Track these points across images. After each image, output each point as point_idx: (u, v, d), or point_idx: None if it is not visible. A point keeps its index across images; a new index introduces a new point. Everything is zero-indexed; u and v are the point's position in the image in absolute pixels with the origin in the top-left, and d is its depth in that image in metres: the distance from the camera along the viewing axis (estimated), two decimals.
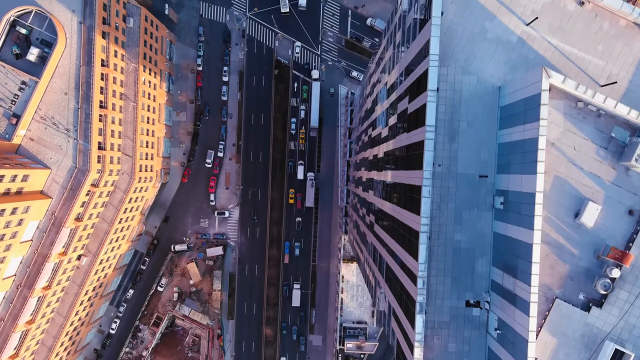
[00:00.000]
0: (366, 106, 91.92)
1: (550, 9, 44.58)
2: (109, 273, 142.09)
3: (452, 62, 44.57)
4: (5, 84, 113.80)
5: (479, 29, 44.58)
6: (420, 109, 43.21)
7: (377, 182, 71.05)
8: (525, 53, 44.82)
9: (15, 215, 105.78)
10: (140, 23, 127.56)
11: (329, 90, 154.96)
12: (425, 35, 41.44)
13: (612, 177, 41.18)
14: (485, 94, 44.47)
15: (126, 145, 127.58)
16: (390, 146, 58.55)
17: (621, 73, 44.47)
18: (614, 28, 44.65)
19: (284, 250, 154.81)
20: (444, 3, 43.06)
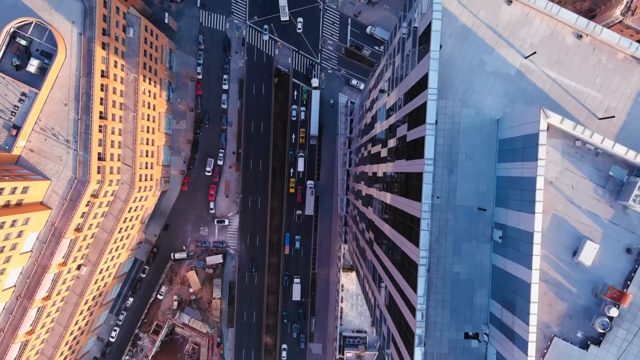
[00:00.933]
0: (366, 120, 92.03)
1: (549, 42, 44.72)
2: (109, 282, 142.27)
3: (450, 95, 44.73)
4: (5, 95, 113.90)
5: (477, 61, 44.73)
6: (419, 139, 43.36)
7: (376, 200, 71.18)
8: (523, 86, 44.98)
9: (15, 228, 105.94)
10: (140, 33, 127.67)
11: (329, 101, 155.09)
12: (424, 68, 41.57)
13: (610, 215, 41.34)
14: (483, 126, 44.63)
15: (126, 155, 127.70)
16: (390, 168, 58.69)
17: (619, 106, 44.62)
18: (612, 61, 44.80)
19: (285, 242, 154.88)
20: (442, 36, 43.20)
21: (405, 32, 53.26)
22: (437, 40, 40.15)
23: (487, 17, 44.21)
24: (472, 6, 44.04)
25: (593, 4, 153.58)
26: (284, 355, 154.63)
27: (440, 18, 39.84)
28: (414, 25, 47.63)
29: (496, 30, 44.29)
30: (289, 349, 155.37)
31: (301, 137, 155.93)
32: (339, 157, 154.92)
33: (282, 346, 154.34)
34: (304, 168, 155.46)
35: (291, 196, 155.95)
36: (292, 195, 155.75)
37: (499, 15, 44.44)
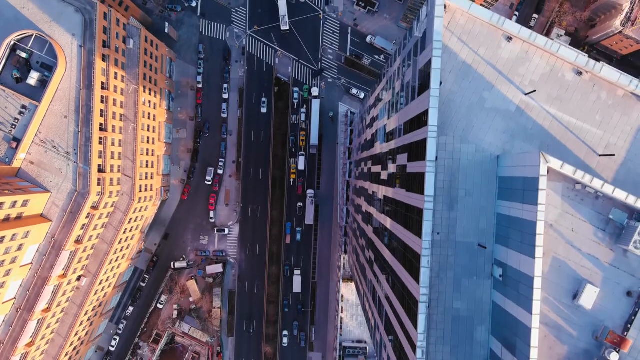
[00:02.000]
0: (366, 136, 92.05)
1: (549, 79, 44.79)
2: (109, 292, 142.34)
3: (450, 131, 44.80)
4: (6, 108, 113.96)
5: (477, 98, 44.79)
6: (419, 174, 43.42)
7: (376, 221, 71.22)
8: (523, 122, 45.04)
9: (15, 241, 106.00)
10: (140, 44, 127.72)
11: (329, 113, 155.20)
12: (424, 104, 41.64)
13: (610, 258, 41.44)
14: (483, 163, 44.71)
15: (126, 166, 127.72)
16: (390, 194, 58.74)
17: (619, 142, 44.70)
18: (612, 98, 44.88)
19: (285, 231, 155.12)
20: (442, 73, 43.26)
21: (405, 60, 53.30)
22: (437, 77, 40.20)
23: (487, 54, 44.27)
24: (472, 43, 44.09)
25: (593, 13, 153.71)
26: (285, 341, 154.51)
27: (440, 56, 39.90)
28: (413, 59, 47.73)
29: (496, 67, 44.35)
30: (290, 348, 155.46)
31: (301, 141, 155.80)
32: (339, 167, 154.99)
33: (283, 332, 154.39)
34: (304, 167, 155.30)
35: (292, 189, 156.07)
36: (293, 187, 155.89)
37: (499, 52, 44.50)
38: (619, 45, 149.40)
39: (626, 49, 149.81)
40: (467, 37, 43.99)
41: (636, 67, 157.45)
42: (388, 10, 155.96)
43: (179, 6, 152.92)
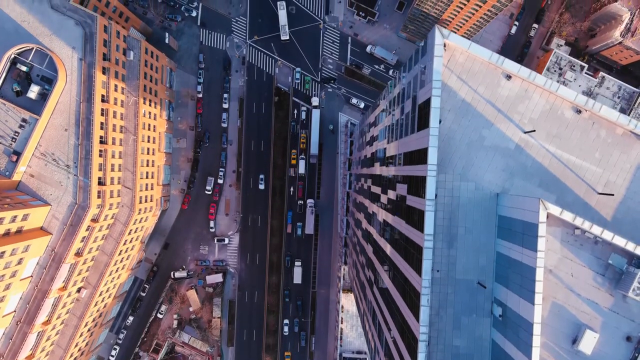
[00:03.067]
0: (365, 153, 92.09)
1: (548, 117, 44.83)
2: (109, 302, 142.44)
3: (450, 169, 44.87)
4: (6, 121, 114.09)
5: (477, 136, 44.85)
6: (418, 210, 43.52)
7: (376, 242, 71.29)
8: (523, 160, 45.10)
9: (15, 256, 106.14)
10: (140, 56, 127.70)
11: (329, 126, 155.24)
12: (424, 141, 41.71)
13: (609, 303, 41.49)
14: (483, 201, 44.76)
15: (126, 177, 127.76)
16: (389, 219, 58.81)
17: (618, 180, 44.77)
18: (611, 136, 44.94)
19: (287, 220, 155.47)
20: (441, 111, 43.32)
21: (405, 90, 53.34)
22: (437, 116, 40.28)
23: (486, 92, 44.33)
24: (472, 81, 44.15)
25: (593, 23, 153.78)
26: (286, 330, 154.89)
27: (440, 95, 39.97)
28: (413, 93, 47.79)
29: (495, 105, 44.41)
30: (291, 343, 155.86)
31: (302, 144, 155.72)
32: (339, 176, 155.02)
33: (284, 321, 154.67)
34: (305, 171, 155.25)
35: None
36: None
37: (498, 90, 44.56)
38: (618, 55, 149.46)
39: (626, 59, 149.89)
40: (466, 75, 44.05)
41: (636, 77, 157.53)
42: (388, 20, 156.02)
43: (179, 16, 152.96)
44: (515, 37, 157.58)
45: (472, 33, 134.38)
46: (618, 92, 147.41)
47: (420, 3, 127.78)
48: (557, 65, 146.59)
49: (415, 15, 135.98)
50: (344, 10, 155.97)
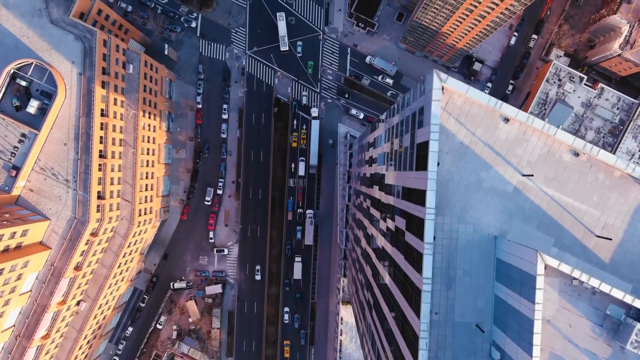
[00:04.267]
0: (365, 171, 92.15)
1: (546, 160, 44.91)
2: (108, 314, 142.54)
3: (448, 211, 44.96)
4: (5, 136, 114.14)
5: (475, 178, 44.94)
6: (417, 251, 43.62)
7: (374, 266, 71.37)
8: (521, 203, 45.19)
9: (14, 272, 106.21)
10: (140, 69, 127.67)
11: (328, 141, 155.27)
12: (422, 184, 41.80)
13: (607, 354, 41.54)
14: (481, 243, 44.87)
15: (125, 190, 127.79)
16: (388, 249, 58.91)
17: (616, 223, 44.86)
18: (609, 179, 45.03)
19: (287, 207, 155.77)
20: (440, 153, 43.42)
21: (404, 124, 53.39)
22: (435, 160, 40.37)
23: (484, 135, 44.41)
24: (470, 124, 44.23)
25: (592, 34, 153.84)
26: (286, 318, 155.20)
27: (438, 139, 40.06)
28: (411, 130, 47.85)
29: (493, 147, 44.49)
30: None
31: (302, 139, 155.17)
32: (338, 187, 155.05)
33: (285, 309, 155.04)
34: (304, 173, 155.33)
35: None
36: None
37: (496, 133, 44.64)
38: (618, 67, 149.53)
39: (625, 71, 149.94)
40: (464, 117, 44.14)
41: (635, 88, 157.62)
42: (387, 30, 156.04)
43: (178, 27, 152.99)
44: (514, 47, 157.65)
45: (471, 45, 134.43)
46: (617, 103, 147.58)
47: (419, 16, 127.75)
48: (556, 76, 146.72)
49: (415, 28, 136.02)
50: (343, 21, 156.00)
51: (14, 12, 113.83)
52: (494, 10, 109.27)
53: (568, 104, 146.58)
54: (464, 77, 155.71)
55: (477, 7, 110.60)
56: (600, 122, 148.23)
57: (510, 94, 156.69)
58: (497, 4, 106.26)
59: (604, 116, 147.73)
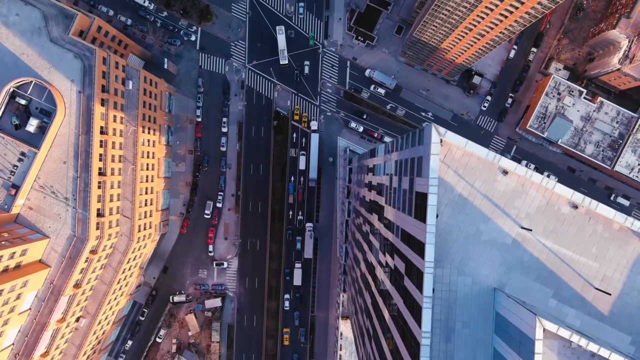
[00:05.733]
0: (364, 193, 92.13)
1: (545, 212, 44.98)
2: (108, 329, 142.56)
3: (447, 263, 45.03)
4: (5, 155, 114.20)
5: (473, 230, 44.99)
6: (415, 302, 43.65)
7: (374, 295, 71.33)
8: (520, 255, 45.25)
9: (13, 292, 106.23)
10: (139, 85, 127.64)
11: (328, 158, 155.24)
12: (421, 236, 41.83)
13: None
14: (480, 295, 44.93)
15: (125, 207, 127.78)
16: (387, 286, 58.90)
17: (615, 275, 44.94)
18: (608, 231, 45.10)
19: (288, 191, 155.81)
20: (438, 205, 43.46)
21: (403, 165, 53.38)
22: (434, 213, 40.39)
23: (483, 187, 44.47)
24: (468, 176, 44.28)
25: (591, 48, 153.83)
26: (287, 305, 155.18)
27: (437, 192, 40.09)
28: (410, 175, 47.86)
29: (492, 199, 44.55)
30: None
31: (303, 122, 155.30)
32: (338, 201, 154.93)
33: (285, 296, 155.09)
34: (305, 167, 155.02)
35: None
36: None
37: (494, 185, 44.69)
38: (617, 81, 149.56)
39: (624, 85, 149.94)
40: (463, 170, 44.19)
41: (635, 101, 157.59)
42: (387, 44, 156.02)
43: (178, 40, 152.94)
44: (514, 61, 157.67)
45: (471, 61, 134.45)
46: (617, 117, 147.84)
47: (419, 33, 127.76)
48: (555, 90, 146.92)
49: (414, 42, 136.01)
50: (342, 34, 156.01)
51: (13, 30, 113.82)
52: (493, 29, 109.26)
53: (567, 117, 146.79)
54: (463, 90, 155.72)
55: (477, 26, 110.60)
56: (599, 135, 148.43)
57: (509, 107, 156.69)
58: (497, 24, 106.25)
59: (603, 130, 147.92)
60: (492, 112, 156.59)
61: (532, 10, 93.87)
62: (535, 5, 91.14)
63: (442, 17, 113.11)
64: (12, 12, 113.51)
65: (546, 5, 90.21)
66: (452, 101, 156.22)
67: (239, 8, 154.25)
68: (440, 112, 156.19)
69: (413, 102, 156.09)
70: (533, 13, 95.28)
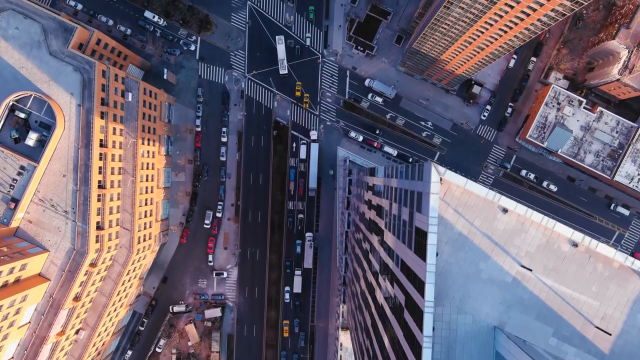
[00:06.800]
0: (363, 210, 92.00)
1: (545, 250, 44.94)
2: (107, 340, 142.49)
3: (447, 301, 44.98)
4: (4, 169, 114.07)
5: (473, 269, 44.95)
6: (415, 338, 43.58)
7: (374, 316, 71.26)
8: (520, 293, 45.21)
9: (12, 307, 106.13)
10: (138, 97, 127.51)
11: (329, 171, 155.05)
12: (421, 273, 41.77)
13: None
14: (480, 334, 44.87)
15: (124, 219, 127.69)
16: (387, 314, 58.80)
17: (615, 314, 44.90)
18: (608, 269, 45.07)
19: (289, 177, 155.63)
20: (438, 244, 43.39)
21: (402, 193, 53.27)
22: (434, 253, 40.34)
23: (483, 225, 44.42)
24: (468, 214, 44.23)
25: (590, 57, 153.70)
26: (287, 297, 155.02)
27: (436, 231, 40.04)
28: (409, 208, 47.79)
29: (492, 238, 44.51)
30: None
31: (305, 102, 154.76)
32: (337, 210, 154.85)
33: (286, 288, 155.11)
34: (306, 156, 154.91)
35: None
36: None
37: (494, 223, 44.65)
38: (617, 90, 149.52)
39: (624, 95, 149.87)
40: (462, 208, 44.14)
41: (634, 110, 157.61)
42: (386, 53, 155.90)
43: (177, 50, 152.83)
44: (513, 70, 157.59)
45: (471, 72, 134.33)
46: (616, 126, 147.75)
47: (418, 44, 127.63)
48: (555, 99, 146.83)
49: (414, 53, 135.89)
50: (342, 44, 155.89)
51: (13, 43, 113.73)
52: (492, 43, 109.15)
53: (567, 127, 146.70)
54: (463, 99, 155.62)
55: (476, 40, 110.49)
56: (599, 145, 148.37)
57: (509, 117, 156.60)
58: (496, 38, 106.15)
59: (603, 140, 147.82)
60: (492, 122, 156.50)
61: (531, 26, 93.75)
62: (534, 22, 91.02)
63: (441, 31, 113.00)
64: (11, 26, 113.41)
65: (546, 22, 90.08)
66: (451, 110, 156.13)
67: (239, 18, 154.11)
68: (440, 122, 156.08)
69: (413, 111, 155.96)
70: (532, 29, 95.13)
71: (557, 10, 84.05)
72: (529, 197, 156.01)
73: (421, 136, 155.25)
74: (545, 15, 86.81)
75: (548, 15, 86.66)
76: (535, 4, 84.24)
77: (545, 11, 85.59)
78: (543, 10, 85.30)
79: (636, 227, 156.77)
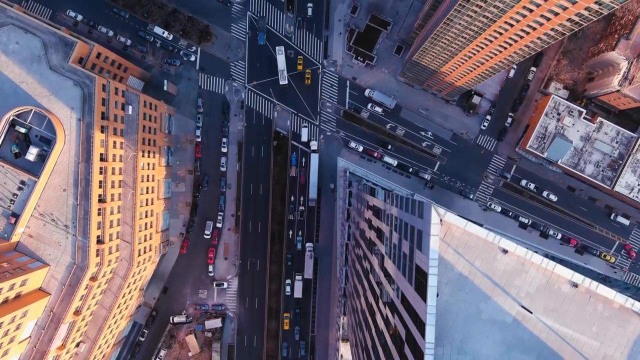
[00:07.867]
0: (363, 227, 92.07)
1: (545, 291, 45.00)
2: (107, 352, 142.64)
3: (447, 342, 45.04)
4: (5, 184, 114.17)
5: (474, 309, 45.03)
6: None
7: (374, 341, 71.38)
8: (520, 334, 45.27)
9: (13, 323, 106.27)
10: (139, 109, 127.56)
11: (329, 185, 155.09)
12: (422, 313, 41.86)
13: None
14: None
15: (125, 231, 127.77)
16: (387, 340, 58.90)
17: (616, 354, 44.97)
18: (608, 310, 45.14)
19: (291, 162, 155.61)
20: (439, 284, 43.47)
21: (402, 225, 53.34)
22: (434, 294, 40.43)
23: (483, 266, 44.51)
24: (468, 255, 44.32)
25: (590, 68, 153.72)
26: (288, 290, 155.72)
27: (437, 273, 40.13)
28: (410, 243, 47.90)
29: (492, 278, 44.59)
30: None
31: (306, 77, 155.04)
32: (338, 221, 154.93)
33: (286, 281, 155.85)
34: (307, 138, 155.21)
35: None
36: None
37: (494, 264, 44.74)
38: (617, 101, 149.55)
39: (624, 105, 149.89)
40: (462, 249, 44.24)
41: (634, 121, 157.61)
42: (386, 64, 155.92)
43: (177, 60, 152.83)
44: (513, 80, 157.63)
45: (471, 84, 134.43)
46: (616, 137, 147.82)
47: (418, 56, 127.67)
48: (555, 110, 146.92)
49: (414, 65, 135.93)
50: (342, 54, 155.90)
51: (13, 58, 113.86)
52: (492, 58, 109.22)
53: (567, 138, 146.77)
54: (462, 109, 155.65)
55: (475, 55, 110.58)
56: (599, 155, 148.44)
57: (509, 127, 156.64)
58: (496, 54, 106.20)
59: (603, 150, 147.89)
60: (492, 132, 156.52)
61: (531, 44, 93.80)
62: (534, 39, 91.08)
63: (441, 45, 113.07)
64: (12, 41, 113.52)
65: (546, 40, 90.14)
66: (451, 120, 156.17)
67: (239, 28, 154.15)
68: (439, 132, 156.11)
69: (413, 121, 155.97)
70: (532, 46, 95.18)
71: (556, 29, 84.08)
72: (529, 207, 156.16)
73: (421, 146, 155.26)
74: (545, 34, 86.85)
75: (548, 34, 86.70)
76: (535, 23, 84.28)
77: (545, 30, 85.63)
78: (543, 29, 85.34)
79: (636, 237, 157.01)
